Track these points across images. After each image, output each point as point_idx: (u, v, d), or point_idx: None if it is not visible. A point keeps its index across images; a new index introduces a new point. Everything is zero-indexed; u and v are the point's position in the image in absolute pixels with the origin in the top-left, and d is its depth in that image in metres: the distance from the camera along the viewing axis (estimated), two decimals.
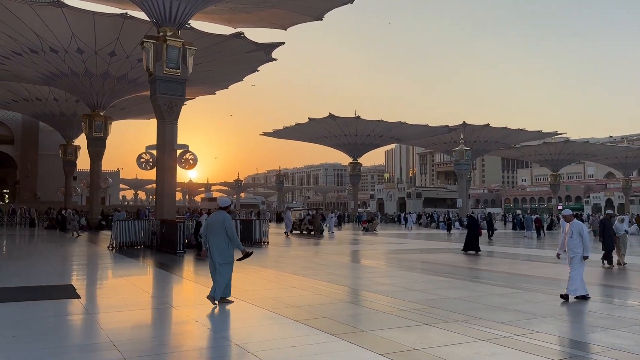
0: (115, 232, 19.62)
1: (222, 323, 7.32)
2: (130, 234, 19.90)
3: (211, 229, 8.46)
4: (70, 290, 9.41)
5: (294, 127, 62.56)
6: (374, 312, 7.68)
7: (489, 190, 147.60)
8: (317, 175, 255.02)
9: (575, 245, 9.20)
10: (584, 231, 9.27)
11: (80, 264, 15.33)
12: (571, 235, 9.28)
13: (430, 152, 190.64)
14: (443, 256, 18.14)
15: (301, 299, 8.81)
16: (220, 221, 8.44)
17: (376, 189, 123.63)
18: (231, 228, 8.50)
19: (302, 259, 16.15)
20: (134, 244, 20.00)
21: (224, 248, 8.38)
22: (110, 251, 18.86)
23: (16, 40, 31.39)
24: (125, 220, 20.64)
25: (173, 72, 21.52)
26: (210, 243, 8.40)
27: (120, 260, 16.05)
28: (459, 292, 9.66)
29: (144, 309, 8.08)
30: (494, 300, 8.96)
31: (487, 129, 64.80)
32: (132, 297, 9.00)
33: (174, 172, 21.79)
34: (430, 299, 8.81)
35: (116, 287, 10.91)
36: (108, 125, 40.28)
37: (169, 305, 8.38)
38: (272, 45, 35.84)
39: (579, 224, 9.43)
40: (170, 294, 10.00)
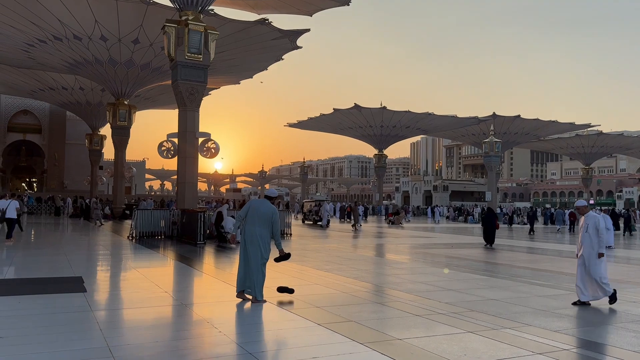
0: (136, 221, 19.13)
1: (238, 325, 6.54)
2: (151, 224, 19.40)
3: (257, 218, 7.64)
4: (78, 283, 8.77)
5: (318, 118, 61.75)
6: (406, 316, 6.80)
7: (517, 183, 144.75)
8: (342, 167, 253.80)
9: (590, 241, 8.01)
10: (600, 224, 8.04)
11: (96, 254, 14.80)
12: (586, 230, 8.07)
13: (457, 145, 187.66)
14: (476, 252, 17.09)
15: (325, 298, 7.98)
16: (269, 213, 7.68)
17: (401, 181, 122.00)
18: (278, 224, 7.79)
19: (325, 253, 15.34)
20: (154, 234, 19.51)
21: (269, 242, 7.67)
22: (129, 241, 18.38)
23: (40, 27, 31.19)
24: (146, 210, 20.15)
25: (195, 57, 20.86)
26: (254, 232, 7.56)
27: (138, 251, 15.50)
28: (501, 293, 8.69)
29: (153, 306, 7.36)
30: (543, 302, 7.99)
31: (517, 120, 62.90)
32: (142, 293, 8.30)
33: (196, 161, 21.20)
34: (469, 301, 7.89)
35: (128, 280, 10.27)
36: (132, 114, 40.07)
37: (181, 303, 7.63)
38: (297, 32, 34.94)
39: (595, 217, 8.17)
40: (185, 289, 9.27)
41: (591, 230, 7.96)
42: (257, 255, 7.57)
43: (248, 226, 7.66)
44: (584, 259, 7.99)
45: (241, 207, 7.67)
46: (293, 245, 17.81)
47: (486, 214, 20.98)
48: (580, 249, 8.12)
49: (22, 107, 63.85)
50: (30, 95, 52.15)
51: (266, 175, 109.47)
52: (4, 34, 32.12)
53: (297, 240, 20.13)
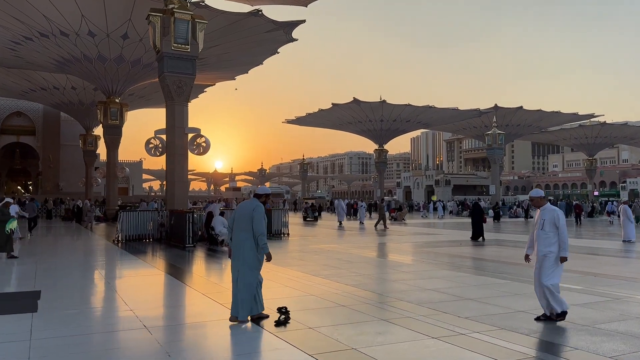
0: (121, 224, 17.87)
1: (200, 356, 5.28)
2: (137, 227, 18.13)
3: (240, 221, 6.52)
4: (32, 300, 7.51)
5: (317, 114, 60.40)
6: (420, 338, 5.50)
7: (519, 176, 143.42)
8: (342, 163, 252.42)
9: (547, 239, 6.43)
10: (560, 220, 6.45)
11: (71, 261, 13.48)
12: (542, 226, 6.50)
13: (458, 139, 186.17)
14: (487, 250, 15.81)
15: (320, 314, 6.72)
16: (248, 211, 6.49)
17: (402, 176, 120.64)
18: (260, 220, 6.49)
19: (324, 254, 14.07)
20: (141, 237, 18.25)
21: (251, 248, 6.42)
22: (115, 245, 17.14)
23: (25, 23, 29.92)
24: (132, 212, 18.89)
25: (182, 48, 19.59)
26: (238, 240, 6.46)
27: (118, 257, 14.23)
28: (529, 303, 7.33)
29: (109, 331, 6.10)
30: (582, 314, 6.71)
31: (520, 111, 61.57)
32: (103, 312, 7.05)
33: (185, 158, 19.93)
34: (494, 315, 6.62)
35: (94, 295, 8.98)
36: (124, 112, 38.84)
37: (145, 325, 6.34)
38: (292, 24, 33.62)
39: (554, 211, 6.56)
40: (157, 307, 7.95)
41: (548, 226, 6.45)
42: (243, 266, 6.39)
43: (234, 234, 6.55)
44: (538, 261, 6.52)
45: None
46: (290, 247, 16.56)
47: (473, 209, 20.93)
48: (534, 249, 6.65)
49: (15, 108, 62.62)
50: (22, 96, 50.90)
51: (266, 173, 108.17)
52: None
53: (296, 241, 18.86)
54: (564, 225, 6.47)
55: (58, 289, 9.01)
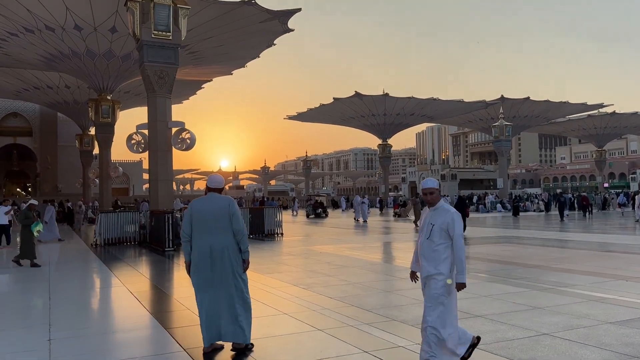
0: (99, 227, 16.48)
1: None
2: (117, 229, 16.74)
3: (209, 221, 5.06)
4: None
5: (318, 109, 58.89)
6: None
7: (526, 169, 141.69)
8: (347, 160, 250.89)
9: (435, 254, 4.35)
10: (455, 227, 4.34)
11: (27, 270, 11.99)
12: (428, 234, 4.41)
13: (464, 133, 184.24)
14: (496, 249, 14.27)
15: (286, 345, 5.25)
16: (223, 207, 5.09)
17: (408, 171, 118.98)
18: (240, 218, 5.17)
19: (314, 258, 12.59)
20: (121, 240, 16.86)
21: (236, 252, 5.07)
22: (91, 249, 15.77)
23: (8, 18, 28.65)
24: (110, 213, 17.50)
25: (163, 35, 18.15)
26: (210, 246, 4.99)
27: (84, 264, 12.80)
28: (556, 320, 5.85)
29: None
30: (616, 334, 5.22)
31: (527, 102, 59.81)
32: (9, 348, 5.61)
33: (169, 154, 18.51)
34: (517, 342, 5.14)
35: (19, 314, 7.57)
36: (116, 109, 37.50)
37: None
38: (287, 13, 32.18)
39: (447, 213, 4.42)
40: (85, 336, 6.54)
41: (437, 235, 4.36)
42: (225, 279, 4.98)
43: (198, 240, 5.05)
44: (422, 285, 4.52)
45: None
46: (279, 249, 15.11)
47: (457, 202, 19.96)
48: (419, 265, 4.57)
49: (11, 109, 61.62)
50: (16, 97, 49.79)
51: (269, 171, 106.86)
52: None
53: (288, 242, 17.41)
54: (460, 235, 4.33)
55: None
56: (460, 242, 4.32)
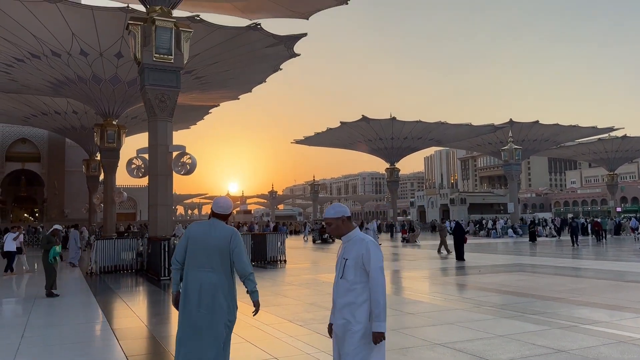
0: (95, 254, 15.92)
1: None
2: (114, 256, 16.16)
3: (203, 253, 4.36)
4: None
5: (325, 133, 58.61)
6: None
7: (536, 194, 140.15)
8: (355, 184, 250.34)
9: (350, 296, 3.50)
10: (372, 260, 3.48)
11: (19, 303, 11.47)
12: (341, 272, 3.59)
13: (473, 157, 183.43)
14: (511, 278, 13.49)
15: None
16: (224, 238, 4.36)
17: (416, 195, 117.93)
18: (243, 254, 4.38)
19: (316, 288, 11.91)
20: (118, 268, 16.27)
21: (225, 296, 4.32)
22: (87, 277, 15.19)
23: (15, 44, 28.71)
24: (107, 240, 16.96)
25: (164, 58, 17.86)
26: (200, 282, 4.30)
27: (76, 296, 12.16)
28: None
29: None
30: None
31: (536, 126, 59.24)
32: None
33: (170, 178, 18.02)
34: None
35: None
36: (122, 134, 37.35)
37: None
38: (293, 38, 31.95)
39: (362, 243, 3.57)
40: None
41: (352, 272, 3.51)
42: (214, 327, 4.25)
43: (189, 273, 4.36)
44: (335, 335, 3.66)
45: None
46: (280, 278, 14.44)
47: (455, 228, 20.50)
48: None
49: (20, 135, 62.01)
50: (24, 122, 50.01)
51: (276, 195, 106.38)
52: None
53: (291, 269, 16.73)
54: (378, 269, 3.42)
55: None
56: (379, 278, 3.37)
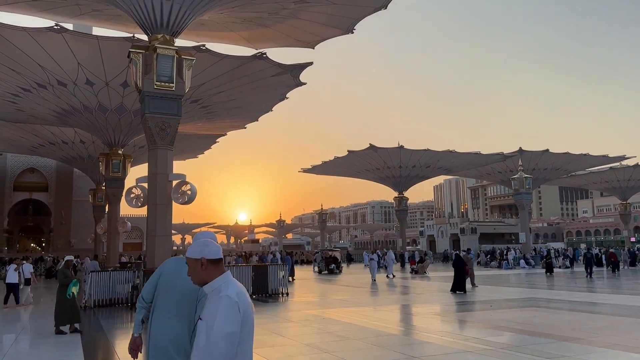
0: (89, 287, 15.32)
1: None
2: (109, 289, 15.54)
3: (175, 297, 3.71)
4: None
5: (333, 162, 58.26)
6: None
7: (548, 223, 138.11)
8: (364, 213, 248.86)
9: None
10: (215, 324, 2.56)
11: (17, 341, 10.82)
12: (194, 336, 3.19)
13: (482, 186, 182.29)
14: (529, 315, 12.66)
15: None
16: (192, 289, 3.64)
17: (426, 225, 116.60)
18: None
19: (315, 325, 11.18)
20: (113, 302, 15.62)
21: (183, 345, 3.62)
22: (82, 310, 14.51)
23: (21, 74, 28.83)
24: (102, 272, 16.37)
25: (165, 86, 17.59)
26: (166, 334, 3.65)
27: (60, 335, 11.47)
28: None
29: None
30: None
31: (546, 155, 58.55)
32: None
33: (169, 208, 17.53)
34: None
35: None
36: (127, 164, 37.16)
37: None
38: (299, 67, 31.83)
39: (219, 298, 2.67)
40: None
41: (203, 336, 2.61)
42: None
43: (157, 320, 3.72)
44: None
45: None
46: (278, 313, 13.72)
47: (455, 260, 20.13)
48: None
49: (28, 165, 62.30)
50: (32, 152, 50.20)
51: (284, 224, 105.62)
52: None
53: (292, 304, 16.01)
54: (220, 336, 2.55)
55: None
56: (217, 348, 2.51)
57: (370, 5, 25.62)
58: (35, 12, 26.61)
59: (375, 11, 26.60)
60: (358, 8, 26.07)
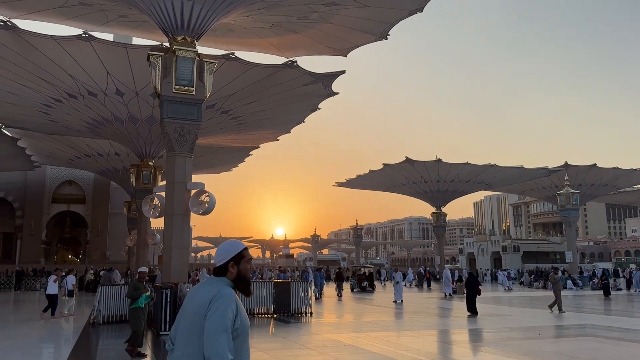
0: (98, 301, 14.35)
1: None
2: (119, 305, 14.54)
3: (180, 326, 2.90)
4: None
5: (367, 175, 56.72)
6: None
7: (595, 242, 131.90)
8: (402, 229, 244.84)
9: None
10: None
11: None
12: None
13: (525, 203, 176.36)
14: (586, 346, 10.87)
15: None
16: (199, 306, 2.80)
17: (465, 242, 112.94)
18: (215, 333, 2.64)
19: (333, 353, 9.77)
20: (123, 318, 14.60)
21: None
22: (87, 327, 13.58)
23: (52, 84, 28.77)
24: (112, 286, 15.42)
25: (185, 90, 16.70)
26: None
27: (51, 352, 10.48)
28: None
29: None
30: None
31: (593, 169, 55.34)
32: None
33: (187, 218, 16.52)
34: None
35: None
36: (157, 175, 36.73)
37: None
38: (331, 76, 30.69)
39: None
40: None
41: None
42: None
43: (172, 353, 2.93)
44: None
45: None
46: (294, 337, 12.33)
47: (468, 279, 19.26)
48: None
49: (66, 177, 63.20)
50: (69, 164, 50.76)
51: (319, 239, 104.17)
52: (18, 94, 30.01)
53: (314, 325, 14.59)
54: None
55: None
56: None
57: (405, 7, 24.30)
58: (63, 19, 26.46)
59: (411, 14, 25.25)
60: (392, 11, 24.78)
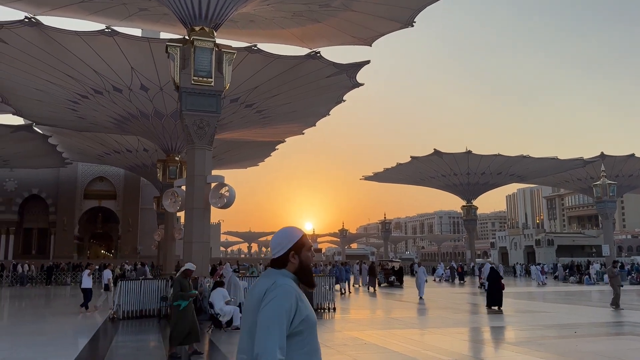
0: (118, 296, 14.19)
1: None
2: (138, 300, 14.34)
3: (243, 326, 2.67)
4: None
5: (395, 168, 55.77)
6: None
7: (632, 235, 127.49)
8: (432, 223, 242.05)
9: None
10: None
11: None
12: None
13: (559, 195, 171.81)
14: (626, 347, 10.11)
15: None
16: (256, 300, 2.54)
17: (497, 236, 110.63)
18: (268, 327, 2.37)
19: (353, 351, 9.26)
20: (143, 314, 14.40)
21: None
22: (106, 323, 13.42)
23: (78, 80, 28.96)
24: (132, 281, 15.23)
25: (203, 81, 16.37)
26: None
27: (58, 348, 10.25)
28: None
29: None
30: None
31: (631, 160, 53.15)
32: None
33: (207, 212, 16.23)
34: None
35: None
36: (183, 170, 36.78)
37: None
38: (355, 66, 30.03)
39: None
40: None
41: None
42: None
43: None
44: None
45: None
46: (319, 333, 11.86)
47: (490, 274, 19.15)
48: None
49: (98, 173, 64.29)
50: (99, 160, 51.52)
51: (347, 234, 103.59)
52: (45, 91, 30.36)
53: (336, 321, 14.11)
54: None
55: None
56: None
57: None
58: (86, 14, 26.53)
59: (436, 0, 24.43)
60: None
